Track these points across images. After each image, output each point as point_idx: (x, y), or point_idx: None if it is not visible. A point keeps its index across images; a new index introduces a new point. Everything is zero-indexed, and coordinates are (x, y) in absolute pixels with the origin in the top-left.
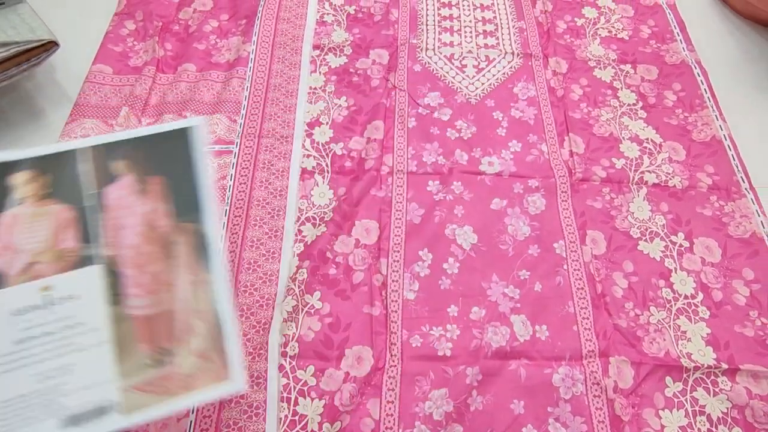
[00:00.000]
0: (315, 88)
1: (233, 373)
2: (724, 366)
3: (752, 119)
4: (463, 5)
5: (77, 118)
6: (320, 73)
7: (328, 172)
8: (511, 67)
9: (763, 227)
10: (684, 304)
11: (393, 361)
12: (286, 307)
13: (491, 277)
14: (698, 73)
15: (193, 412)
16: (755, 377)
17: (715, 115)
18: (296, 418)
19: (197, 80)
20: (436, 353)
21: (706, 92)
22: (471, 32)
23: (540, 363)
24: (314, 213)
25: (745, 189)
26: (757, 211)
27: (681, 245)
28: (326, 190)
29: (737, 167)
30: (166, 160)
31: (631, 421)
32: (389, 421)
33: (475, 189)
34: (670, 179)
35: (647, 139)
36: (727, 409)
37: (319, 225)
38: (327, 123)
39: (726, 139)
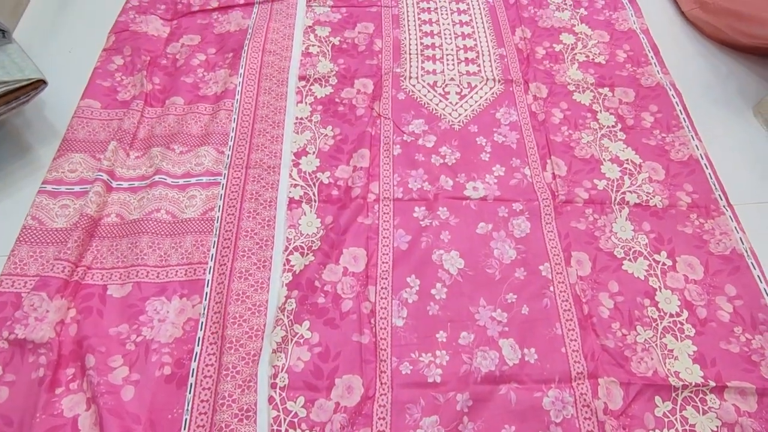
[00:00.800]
0: (301, 119)
1: None
2: (712, 383)
3: (726, 137)
4: (445, 34)
5: (65, 153)
6: (306, 103)
7: (315, 201)
8: (492, 93)
9: (743, 243)
10: (669, 322)
11: (383, 390)
12: (275, 338)
13: (479, 301)
14: (673, 95)
15: None
16: (743, 394)
17: (691, 135)
18: None
19: (185, 113)
20: (426, 380)
21: (682, 113)
22: (453, 60)
23: (530, 387)
24: (302, 242)
25: (723, 206)
26: (735, 227)
27: (664, 264)
28: (314, 219)
29: (714, 185)
30: None
31: None
32: None
33: (461, 214)
34: (651, 199)
35: (627, 159)
36: (717, 427)
37: (307, 254)
38: (314, 152)
39: (702, 158)
